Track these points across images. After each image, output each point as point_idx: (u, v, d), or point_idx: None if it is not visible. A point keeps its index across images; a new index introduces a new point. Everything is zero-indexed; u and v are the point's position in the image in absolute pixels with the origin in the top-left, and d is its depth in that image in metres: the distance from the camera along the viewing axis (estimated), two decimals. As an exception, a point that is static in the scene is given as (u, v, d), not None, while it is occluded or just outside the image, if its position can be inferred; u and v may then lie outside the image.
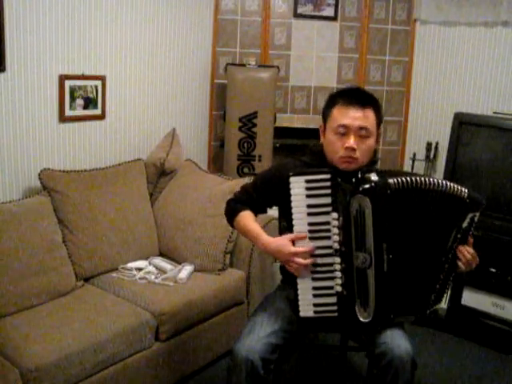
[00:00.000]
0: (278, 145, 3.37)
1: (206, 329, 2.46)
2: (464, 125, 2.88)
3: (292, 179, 1.66)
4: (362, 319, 1.68)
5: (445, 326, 2.94)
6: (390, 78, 3.60)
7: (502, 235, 2.75)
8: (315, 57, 3.52)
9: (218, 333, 2.53)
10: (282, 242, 1.70)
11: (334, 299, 1.69)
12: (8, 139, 2.44)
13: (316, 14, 3.45)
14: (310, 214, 1.66)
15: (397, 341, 1.67)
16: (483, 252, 2.88)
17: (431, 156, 3.49)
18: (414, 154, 3.55)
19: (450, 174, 2.93)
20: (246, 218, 1.87)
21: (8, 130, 2.43)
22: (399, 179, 1.63)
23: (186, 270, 2.53)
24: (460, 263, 1.73)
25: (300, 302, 1.71)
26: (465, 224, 1.69)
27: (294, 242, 1.69)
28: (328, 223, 1.66)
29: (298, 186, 1.65)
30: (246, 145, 3.26)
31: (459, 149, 2.90)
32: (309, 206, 1.65)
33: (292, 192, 1.66)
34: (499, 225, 2.76)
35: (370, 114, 1.73)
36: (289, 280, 1.87)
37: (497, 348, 2.77)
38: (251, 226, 1.84)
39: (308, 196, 1.65)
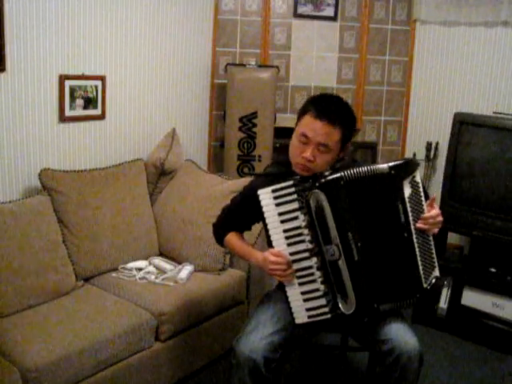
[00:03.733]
0: (278, 145, 3.36)
1: (206, 329, 2.47)
2: (464, 125, 2.88)
3: (260, 192, 1.73)
4: (345, 312, 1.69)
5: (445, 326, 2.94)
6: (389, 78, 3.60)
7: (502, 235, 2.75)
8: (315, 57, 3.52)
9: (218, 333, 2.53)
10: (265, 255, 1.77)
11: (323, 301, 1.72)
12: (8, 139, 2.43)
13: (316, 14, 3.45)
14: (282, 222, 1.72)
15: (404, 337, 1.69)
16: (483, 252, 2.92)
17: (431, 156, 3.49)
18: (414, 154, 3.55)
19: (450, 174, 2.93)
20: (233, 239, 1.99)
21: (8, 129, 2.43)
22: (349, 171, 1.67)
23: (186, 270, 2.53)
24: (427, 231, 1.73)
25: (293, 310, 1.75)
26: (407, 192, 1.69)
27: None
28: (300, 227, 1.71)
29: (266, 197, 1.73)
30: (246, 145, 3.26)
31: (459, 149, 2.90)
32: (280, 214, 1.72)
33: (262, 203, 1.73)
34: (499, 225, 2.76)
35: (336, 133, 1.73)
36: (283, 287, 1.88)
37: (497, 348, 2.77)
38: (239, 247, 1.97)
39: (277, 205, 1.72)
